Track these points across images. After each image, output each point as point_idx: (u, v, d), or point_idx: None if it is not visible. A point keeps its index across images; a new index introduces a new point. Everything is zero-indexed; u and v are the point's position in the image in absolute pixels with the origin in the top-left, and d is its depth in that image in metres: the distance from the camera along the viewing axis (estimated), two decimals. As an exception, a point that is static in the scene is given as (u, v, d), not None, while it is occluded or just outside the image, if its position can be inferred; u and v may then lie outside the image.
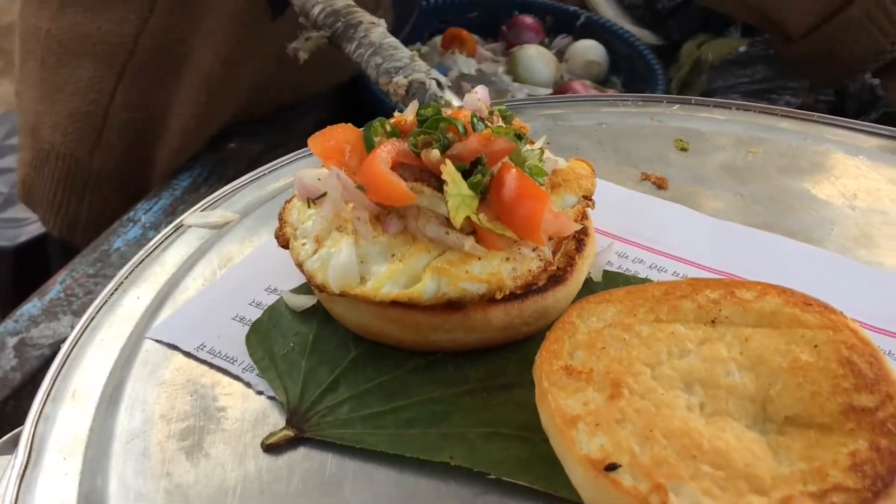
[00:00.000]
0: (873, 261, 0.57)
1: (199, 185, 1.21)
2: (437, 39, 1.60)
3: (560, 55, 1.57)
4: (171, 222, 1.12)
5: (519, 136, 0.52)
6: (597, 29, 1.57)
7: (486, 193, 0.49)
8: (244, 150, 1.24)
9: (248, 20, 1.08)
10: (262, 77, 1.17)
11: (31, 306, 1.02)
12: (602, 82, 1.52)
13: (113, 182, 1.16)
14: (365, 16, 0.99)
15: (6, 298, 1.51)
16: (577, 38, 1.58)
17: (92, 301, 1.04)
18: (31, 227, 1.46)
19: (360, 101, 1.38)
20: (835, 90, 1.29)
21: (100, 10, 1.07)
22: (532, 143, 0.55)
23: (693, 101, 0.76)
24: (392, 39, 1.16)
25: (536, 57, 1.52)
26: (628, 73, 1.53)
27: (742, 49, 1.52)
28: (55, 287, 1.03)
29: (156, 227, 1.13)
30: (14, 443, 0.69)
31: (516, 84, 1.48)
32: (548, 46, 1.59)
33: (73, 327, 0.98)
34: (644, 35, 1.58)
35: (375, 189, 0.49)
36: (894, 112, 1.16)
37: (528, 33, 1.61)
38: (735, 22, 1.60)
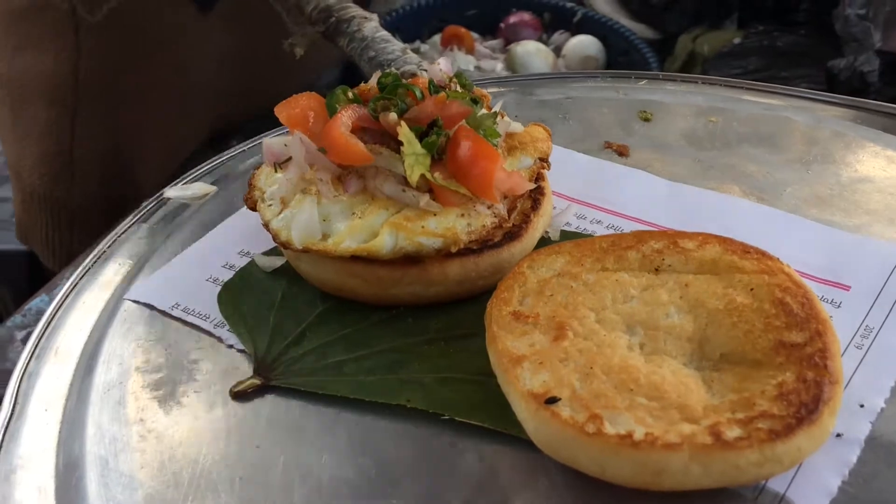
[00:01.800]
0: (823, 219, 0.59)
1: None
2: (437, 37, 1.63)
3: (557, 51, 1.59)
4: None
5: (475, 101, 0.54)
6: (593, 24, 1.59)
7: (443, 154, 0.52)
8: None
9: (178, 29, 1.09)
10: (228, 82, 1.18)
11: (40, 301, 1.05)
12: (600, 77, 1.54)
13: (98, 214, 1.17)
14: (357, 10, 1.01)
15: (21, 299, 1.54)
16: (574, 34, 1.60)
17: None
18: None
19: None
20: (826, 76, 1.31)
21: (41, 52, 1.08)
22: (489, 108, 0.58)
23: (661, 77, 0.78)
24: (384, 33, 1.19)
25: (534, 53, 1.54)
26: (624, 67, 1.55)
27: (736, 41, 1.54)
28: (62, 283, 1.06)
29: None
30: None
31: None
32: (545, 42, 1.61)
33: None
34: (640, 29, 1.60)
35: (335, 150, 0.51)
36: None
37: (526, 30, 1.63)
38: (731, 14, 1.62)
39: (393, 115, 0.52)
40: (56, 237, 1.20)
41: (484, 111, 0.55)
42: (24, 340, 1.01)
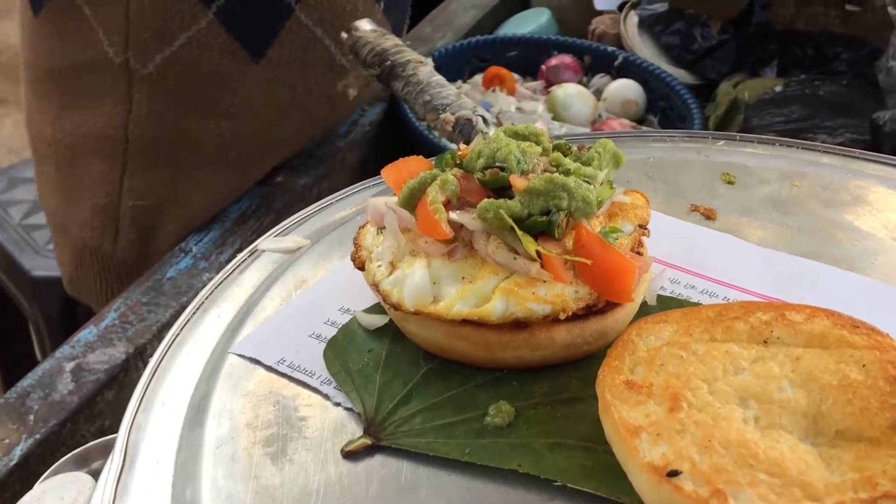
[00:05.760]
0: (915, 286, 0.60)
1: (247, 217, 1.26)
2: (478, 78, 1.65)
3: (598, 94, 1.61)
4: (220, 253, 1.15)
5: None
6: (634, 69, 1.61)
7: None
8: (291, 183, 1.29)
9: (229, 77, 1.09)
10: (280, 128, 1.18)
11: (88, 333, 1.06)
12: (639, 121, 1.56)
13: (141, 269, 1.16)
14: (412, 55, 1.03)
15: (57, 327, 1.57)
16: (615, 78, 1.62)
17: (146, 328, 1.08)
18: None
19: (401, 137, 1.42)
20: (870, 128, 1.32)
21: (90, 109, 1.09)
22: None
23: (738, 138, 0.79)
24: (439, 77, 1.21)
25: (575, 95, 1.56)
26: (665, 112, 1.57)
27: (778, 88, 1.55)
28: (110, 314, 1.07)
29: (206, 258, 1.18)
30: (77, 461, 0.73)
31: (555, 122, 1.52)
32: (586, 85, 1.63)
33: (127, 353, 1.03)
34: (681, 75, 1.62)
35: (420, 223, 0.53)
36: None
37: (567, 72, 1.65)
38: (770, 62, 1.63)
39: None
40: (107, 288, 1.21)
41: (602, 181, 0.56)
42: (73, 371, 1.03)
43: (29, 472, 0.89)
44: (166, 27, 1.03)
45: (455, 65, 1.63)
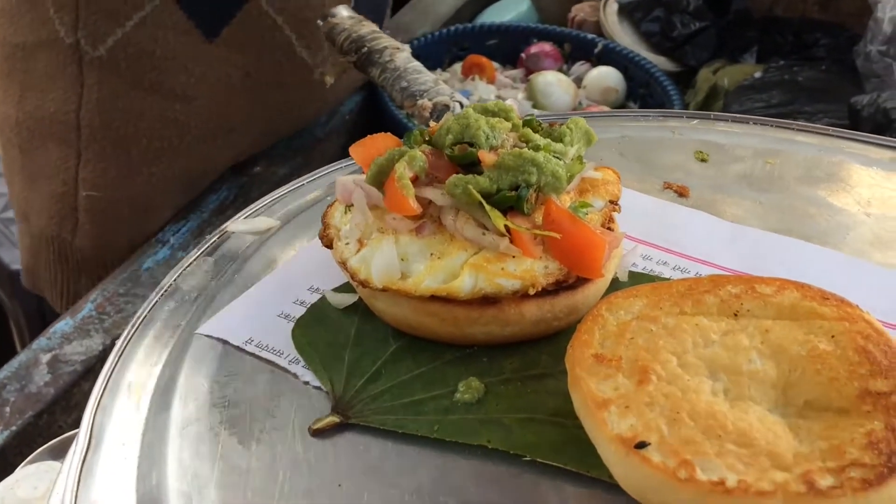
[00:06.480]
0: (887, 263, 0.60)
1: (225, 207, 1.25)
2: (458, 66, 1.64)
3: (578, 82, 1.61)
4: (198, 243, 1.14)
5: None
6: (614, 56, 1.61)
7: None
8: (269, 174, 1.28)
9: (183, 59, 1.05)
10: (241, 112, 1.14)
11: (64, 324, 1.05)
12: (619, 108, 1.56)
13: (99, 261, 1.15)
14: (389, 41, 1.03)
15: (36, 321, 1.55)
16: (594, 65, 1.62)
17: (124, 319, 1.06)
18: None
19: (381, 126, 1.41)
20: (849, 112, 1.33)
21: (48, 90, 1.06)
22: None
23: (712, 116, 0.79)
24: (416, 64, 1.20)
25: (555, 83, 1.56)
26: (645, 100, 1.57)
27: (757, 75, 1.55)
28: (87, 306, 1.07)
29: (184, 248, 1.17)
30: (54, 451, 0.72)
31: (535, 110, 1.52)
32: (566, 73, 1.63)
33: (104, 345, 1.02)
34: (661, 62, 1.62)
35: (388, 200, 0.53)
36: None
37: (547, 60, 1.65)
38: (750, 48, 1.64)
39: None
40: (63, 279, 1.18)
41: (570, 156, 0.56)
42: (49, 363, 1.02)
43: (6, 463, 0.88)
44: (119, 6, 1.00)
45: (435, 53, 1.62)
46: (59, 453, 0.72)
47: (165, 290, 0.62)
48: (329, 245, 0.57)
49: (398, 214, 0.53)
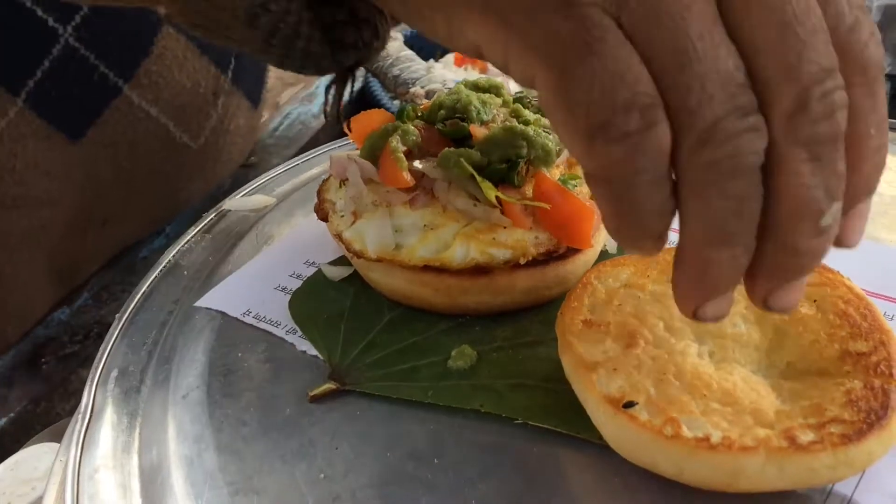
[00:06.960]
0: (869, 235, 0.61)
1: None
2: (450, 57, 1.65)
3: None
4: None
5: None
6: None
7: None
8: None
9: (40, 160, 0.92)
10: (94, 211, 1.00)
11: (61, 313, 1.06)
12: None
13: None
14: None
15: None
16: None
17: (121, 307, 1.07)
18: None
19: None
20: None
21: None
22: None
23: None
24: (408, 52, 1.21)
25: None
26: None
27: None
28: (83, 295, 1.07)
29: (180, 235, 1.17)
30: (53, 434, 0.73)
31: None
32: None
33: (101, 333, 1.03)
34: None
35: (382, 174, 0.54)
36: None
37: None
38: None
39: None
40: None
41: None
42: (48, 351, 1.03)
43: (3, 450, 0.89)
44: None
45: (427, 44, 1.63)
46: (59, 437, 0.73)
47: (165, 267, 0.63)
48: (324, 218, 0.58)
49: (392, 187, 0.54)
